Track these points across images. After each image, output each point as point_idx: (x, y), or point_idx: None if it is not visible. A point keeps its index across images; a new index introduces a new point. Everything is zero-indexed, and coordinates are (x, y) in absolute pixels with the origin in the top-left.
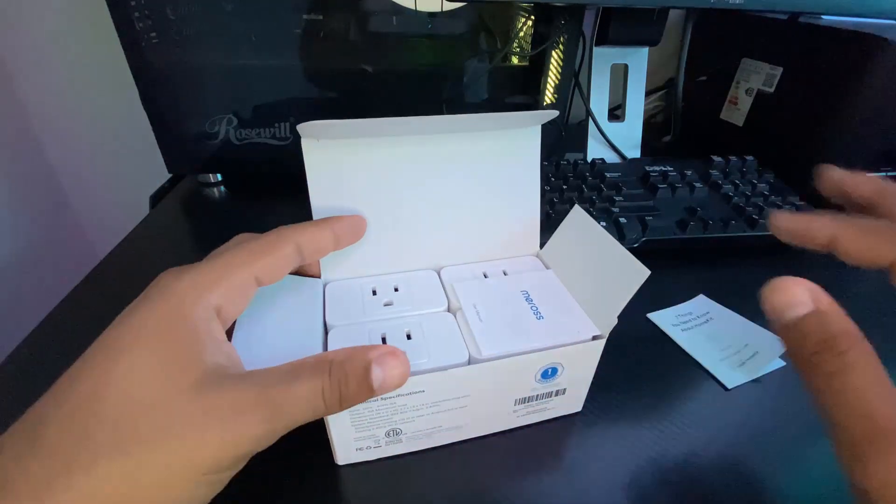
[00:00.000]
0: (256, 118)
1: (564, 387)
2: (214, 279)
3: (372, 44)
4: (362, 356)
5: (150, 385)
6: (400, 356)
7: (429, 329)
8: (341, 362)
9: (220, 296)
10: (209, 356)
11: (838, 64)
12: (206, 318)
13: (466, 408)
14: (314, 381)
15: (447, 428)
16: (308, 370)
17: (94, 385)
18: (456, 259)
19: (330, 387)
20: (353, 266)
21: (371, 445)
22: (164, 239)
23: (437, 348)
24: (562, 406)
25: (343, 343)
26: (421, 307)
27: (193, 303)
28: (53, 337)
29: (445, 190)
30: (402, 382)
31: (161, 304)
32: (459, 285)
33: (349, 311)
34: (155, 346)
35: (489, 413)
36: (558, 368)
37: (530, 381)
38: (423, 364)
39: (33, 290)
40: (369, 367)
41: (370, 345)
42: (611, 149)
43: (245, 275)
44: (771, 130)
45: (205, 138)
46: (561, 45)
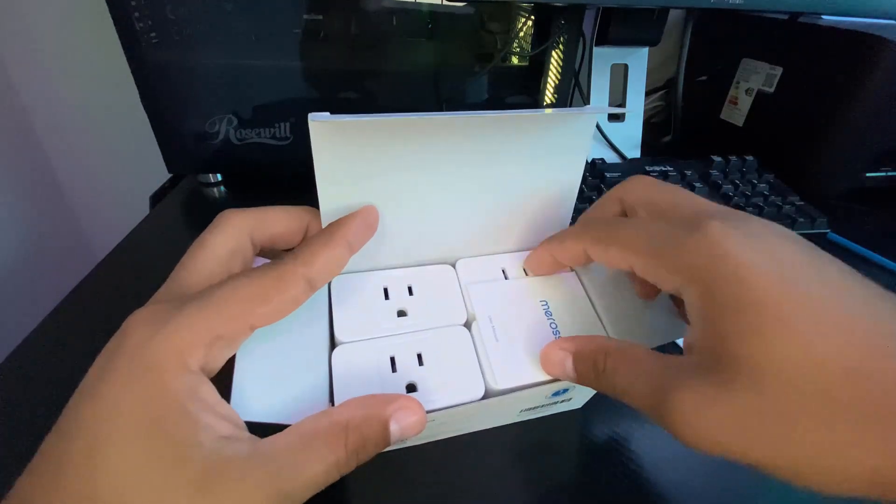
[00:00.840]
0: (256, 118)
1: (571, 396)
2: (199, 338)
3: (372, 44)
4: (379, 414)
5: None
6: (416, 408)
7: (442, 352)
8: (358, 426)
9: (204, 355)
10: (205, 436)
11: (838, 64)
12: (193, 387)
13: (472, 419)
14: (329, 454)
15: (450, 432)
16: (321, 441)
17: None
18: (475, 250)
19: (347, 458)
20: (364, 256)
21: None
22: (164, 239)
23: (450, 378)
24: (565, 406)
25: (349, 368)
26: (436, 320)
27: (175, 373)
28: (53, 337)
29: (470, 174)
30: (418, 432)
31: (134, 379)
32: (475, 289)
33: (358, 319)
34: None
35: (495, 421)
36: (569, 388)
37: (541, 400)
38: (436, 402)
39: (33, 290)
40: (387, 424)
41: (385, 395)
42: (611, 149)
43: (238, 327)
44: (771, 130)
45: (205, 138)
46: (561, 45)
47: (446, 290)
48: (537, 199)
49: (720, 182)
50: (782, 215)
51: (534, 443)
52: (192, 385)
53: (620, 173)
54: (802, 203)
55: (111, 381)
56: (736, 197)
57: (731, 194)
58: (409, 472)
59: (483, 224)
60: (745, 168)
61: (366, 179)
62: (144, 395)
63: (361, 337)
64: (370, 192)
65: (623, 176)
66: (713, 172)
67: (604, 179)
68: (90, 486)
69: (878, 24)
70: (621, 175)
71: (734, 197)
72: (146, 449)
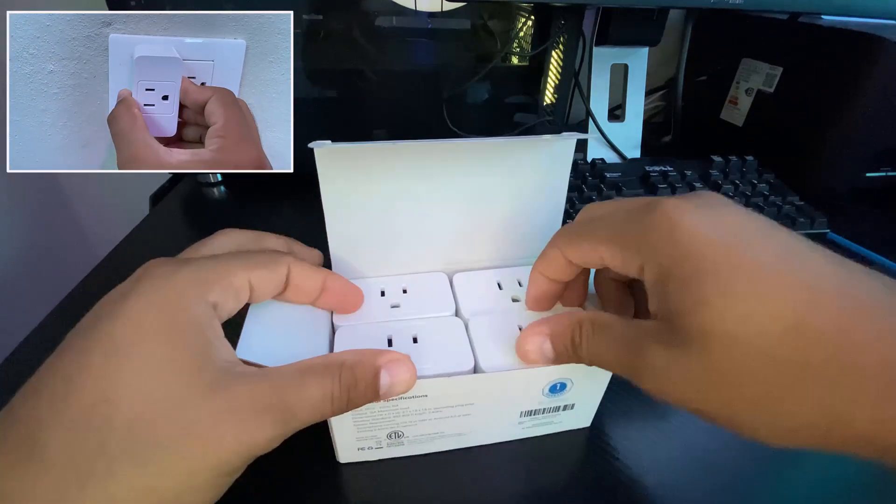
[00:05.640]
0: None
1: (573, 402)
2: (214, 278)
3: (372, 44)
4: (371, 361)
5: (166, 385)
6: (407, 363)
7: (436, 333)
8: (351, 366)
9: (219, 295)
10: (216, 353)
11: (838, 64)
12: (209, 316)
13: (470, 416)
14: (324, 383)
15: (450, 434)
16: (318, 372)
17: (102, 389)
18: (471, 263)
19: (339, 391)
20: (365, 265)
21: (373, 446)
22: (164, 239)
23: (443, 354)
24: (569, 420)
25: (349, 344)
26: (427, 311)
27: (195, 299)
28: (53, 337)
29: (465, 191)
30: (408, 388)
31: (159, 298)
32: (468, 293)
33: (357, 311)
34: (162, 343)
35: (493, 423)
36: (567, 384)
37: (537, 395)
38: (428, 369)
39: (33, 290)
40: (378, 372)
41: (379, 349)
42: (611, 149)
43: (243, 278)
44: (771, 130)
45: None
46: (561, 45)
47: (439, 292)
48: (526, 215)
49: (720, 182)
50: (782, 215)
51: (539, 458)
52: (209, 314)
53: (620, 173)
54: (802, 203)
55: (134, 301)
56: (736, 197)
57: (731, 194)
58: (414, 483)
59: (475, 239)
60: (745, 168)
61: (366, 197)
62: (167, 312)
63: (359, 321)
64: (370, 209)
65: (623, 176)
66: (713, 172)
67: (604, 179)
68: (108, 388)
69: (878, 24)
70: (621, 175)
71: (734, 197)
72: (166, 356)
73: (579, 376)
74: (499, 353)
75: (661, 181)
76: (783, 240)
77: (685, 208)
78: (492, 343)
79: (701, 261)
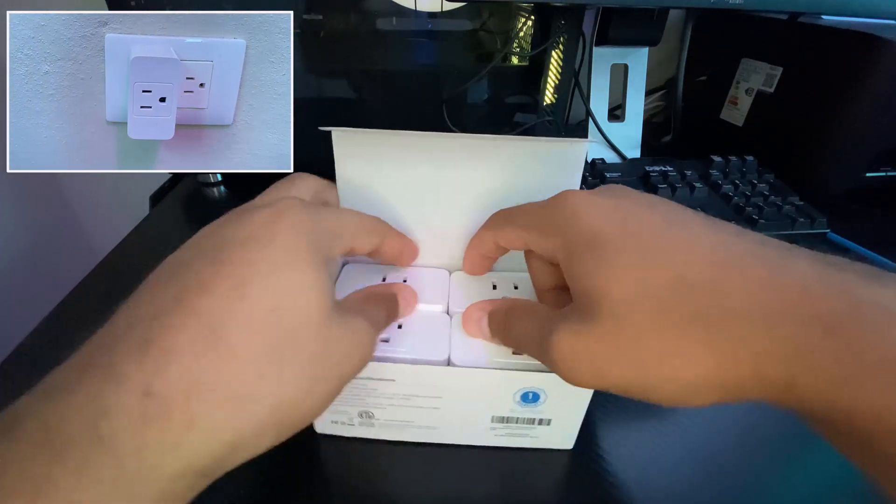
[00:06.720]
0: None
1: (549, 417)
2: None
3: (372, 44)
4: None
5: (318, 301)
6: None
7: (420, 324)
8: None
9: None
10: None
11: (838, 64)
12: (337, 263)
13: (440, 410)
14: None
15: (420, 426)
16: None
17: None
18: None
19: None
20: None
21: (345, 421)
22: (164, 239)
23: (420, 343)
24: (547, 437)
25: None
26: (420, 302)
27: (328, 246)
28: (53, 337)
29: (476, 189)
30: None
31: (295, 237)
32: (462, 290)
33: (354, 288)
34: (301, 267)
35: (464, 422)
36: (540, 394)
37: (509, 402)
38: (401, 353)
39: (33, 290)
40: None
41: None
42: (611, 149)
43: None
44: (771, 130)
45: None
46: (561, 45)
47: (435, 286)
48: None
49: (720, 182)
50: (782, 215)
51: (512, 470)
52: (334, 260)
53: (620, 173)
54: (802, 203)
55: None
56: (736, 197)
57: (731, 194)
58: (385, 465)
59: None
60: (744, 168)
61: (379, 184)
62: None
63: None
64: (382, 196)
65: (623, 176)
66: (713, 172)
67: (604, 179)
68: (277, 299)
69: (878, 24)
70: (621, 175)
71: (734, 197)
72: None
73: (552, 387)
74: (473, 351)
75: (661, 181)
76: (667, 210)
77: (588, 197)
78: (470, 340)
79: (597, 237)
